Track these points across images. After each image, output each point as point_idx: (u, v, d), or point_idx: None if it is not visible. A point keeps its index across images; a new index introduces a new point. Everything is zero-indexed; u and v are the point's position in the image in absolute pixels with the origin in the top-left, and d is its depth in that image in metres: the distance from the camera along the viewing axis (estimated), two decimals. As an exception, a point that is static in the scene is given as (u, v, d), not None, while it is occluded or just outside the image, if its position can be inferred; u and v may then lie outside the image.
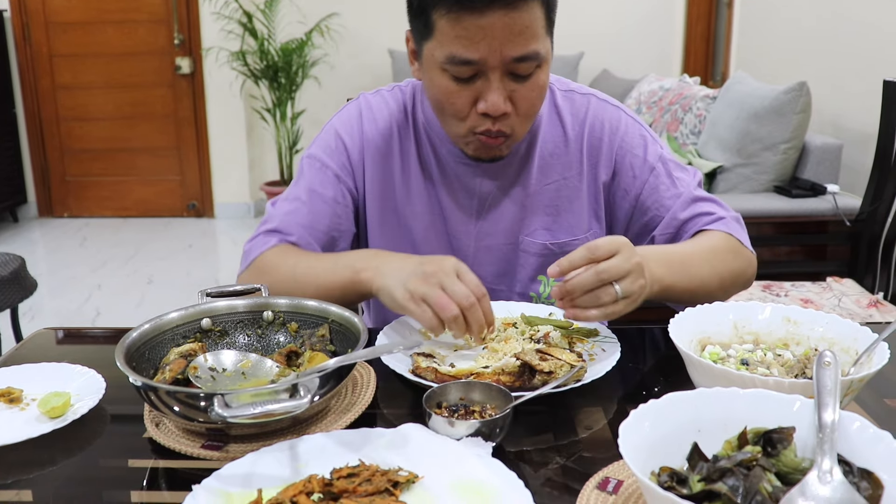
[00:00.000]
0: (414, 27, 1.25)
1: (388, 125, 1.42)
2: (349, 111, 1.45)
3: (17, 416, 1.01)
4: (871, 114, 3.07)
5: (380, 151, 1.41)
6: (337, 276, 1.25)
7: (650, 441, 0.75)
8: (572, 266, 1.07)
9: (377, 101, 1.44)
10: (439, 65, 1.20)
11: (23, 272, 2.79)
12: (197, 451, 0.92)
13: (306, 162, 1.43)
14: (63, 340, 1.34)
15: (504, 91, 1.20)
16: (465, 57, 1.16)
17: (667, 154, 1.42)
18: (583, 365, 1.05)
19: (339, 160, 1.41)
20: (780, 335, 1.10)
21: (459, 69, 1.18)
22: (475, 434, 0.89)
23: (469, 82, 1.20)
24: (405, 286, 1.12)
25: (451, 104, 1.23)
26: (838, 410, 0.75)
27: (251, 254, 1.37)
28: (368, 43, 5.94)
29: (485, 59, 1.16)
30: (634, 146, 1.40)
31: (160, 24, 5.80)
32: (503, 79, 1.19)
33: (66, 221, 6.06)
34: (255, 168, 6.15)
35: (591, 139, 1.41)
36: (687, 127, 3.86)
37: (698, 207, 1.38)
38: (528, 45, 1.17)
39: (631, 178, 1.40)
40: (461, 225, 1.42)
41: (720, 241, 1.33)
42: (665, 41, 5.97)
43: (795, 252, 3.20)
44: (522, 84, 1.21)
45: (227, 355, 1.05)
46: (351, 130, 1.42)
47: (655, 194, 1.39)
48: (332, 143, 1.42)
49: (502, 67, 1.18)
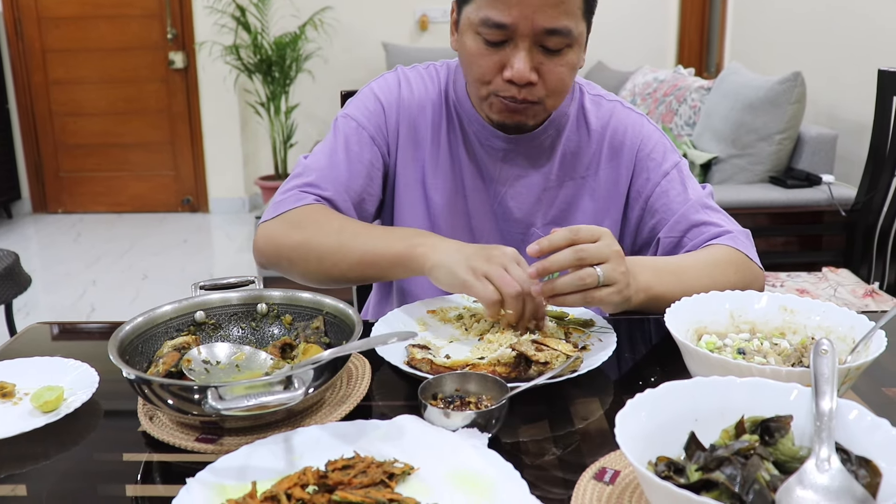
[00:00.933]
0: None
1: (424, 97, 1.45)
2: (387, 79, 1.47)
3: (9, 410, 1.00)
4: (866, 104, 3.07)
5: (414, 121, 1.44)
6: (390, 246, 1.25)
7: (647, 431, 0.75)
8: (552, 246, 1.07)
9: (414, 75, 1.47)
10: (473, 27, 1.24)
11: (17, 268, 2.78)
12: (191, 444, 0.92)
13: (342, 121, 1.44)
14: (57, 335, 1.33)
15: (531, 61, 1.23)
16: (498, 20, 1.20)
17: (684, 165, 1.44)
18: (579, 355, 1.05)
19: (375, 122, 1.43)
20: (777, 324, 1.10)
21: (491, 32, 1.22)
22: (471, 425, 0.88)
23: (499, 47, 1.24)
24: (468, 263, 1.13)
25: (478, 66, 1.26)
26: (836, 398, 0.75)
27: (283, 205, 1.36)
28: (362, 36, 5.93)
29: (516, 24, 1.20)
30: (653, 151, 1.43)
31: (153, 18, 5.77)
32: (532, 49, 1.23)
33: (60, 217, 6.05)
34: (250, 163, 6.13)
35: (612, 142, 1.44)
36: (682, 118, 3.86)
37: (707, 215, 1.38)
38: (560, 18, 1.20)
39: (644, 181, 1.42)
40: (480, 205, 1.44)
41: (723, 253, 1.33)
42: (659, 33, 5.96)
43: (791, 242, 3.20)
44: (551, 58, 1.24)
45: (220, 348, 1.05)
46: (389, 95, 1.44)
47: (665, 197, 1.40)
48: (370, 105, 1.44)
49: (532, 37, 1.21)
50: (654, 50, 5.92)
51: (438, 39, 5.90)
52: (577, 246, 1.06)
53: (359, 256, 1.26)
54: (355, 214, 1.40)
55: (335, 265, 1.28)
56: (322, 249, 1.28)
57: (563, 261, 1.07)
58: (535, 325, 1.15)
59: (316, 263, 1.29)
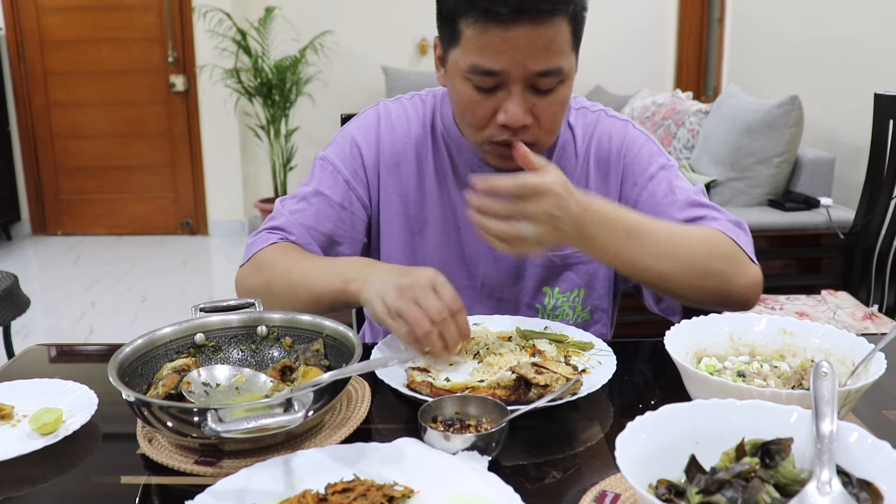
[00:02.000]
0: (442, 33, 1.26)
1: (406, 132, 1.43)
2: (368, 116, 1.46)
3: (8, 432, 1.00)
4: (863, 127, 3.08)
5: (396, 159, 1.42)
6: (328, 283, 1.25)
7: (647, 453, 0.75)
8: (495, 189, 1.07)
9: (396, 109, 1.45)
10: (462, 73, 1.21)
11: (16, 290, 2.77)
12: (190, 466, 0.91)
13: (319, 164, 1.44)
14: (55, 357, 1.33)
15: (525, 104, 1.21)
16: (488, 67, 1.18)
17: (671, 166, 1.40)
18: (579, 378, 1.05)
19: (351, 166, 1.41)
20: (776, 347, 1.10)
21: (482, 79, 1.20)
22: (471, 448, 0.88)
23: (491, 92, 1.21)
24: (383, 300, 1.11)
25: (471, 113, 1.24)
26: (836, 421, 0.75)
27: (252, 248, 1.37)
28: (362, 60, 5.97)
29: (507, 70, 1.17)
30: (638, 156, 1.41)
31: (154, 42, 5.81)
32: (524, 92, 1.20)
33: (59, 239, 6.04)
34: (250, 185, 6.15)
35: (598, 151, 1.42)
36: (680, 142, 3.88)
37: (696, 211, 1.34)
38: (551, 60, 1.18)
39: (631, 186, 1.40)
40: (474, 234, 1.41)
41: (705, 233, 1.28)
42: (657, 57, 6.00)
43: (790, 265, 3.21)
44: (544, 98, 1.22)
45: (220, 370, 1.04)
46: (368, 137, 1.43)
47: (652, 200, 1.38)
48: (346, 148, 1.43)
49: (524, 80, 1.19)
50: (652, 74, 5.96)
51: (438, 63, 5.92)
52: (513, 204, 1.07)
53: (306, 295, 1.26)
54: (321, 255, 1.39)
55: (290, 303, 1.28)
56: (278, 290, 1.29)
57: (494, 209, 1.07)
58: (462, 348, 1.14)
59: (279, 303, 1.28)
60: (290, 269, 1.30)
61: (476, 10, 1.15)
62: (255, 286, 1.33)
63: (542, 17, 1.14)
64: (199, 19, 5.54)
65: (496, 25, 1.14)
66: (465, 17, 1.17)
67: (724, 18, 5.28)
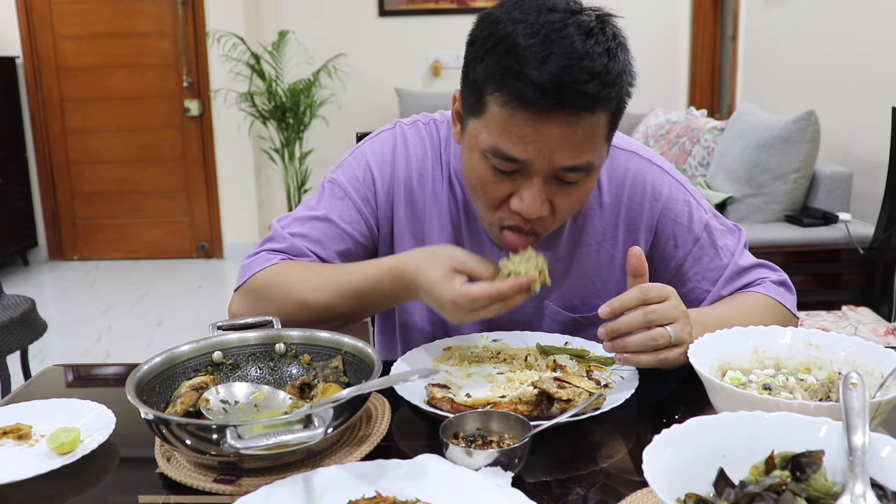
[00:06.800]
0: (465, 96, 1.14)
1: (422, 163, 1.34)
2: (384, 142, 1.36)
3: (25, 452, 0.99)
4: (881, 142, 3.06)
5: (409, 189, 1.34)
6: (365, 271, 1.21)
7: (675, 467, 0.73)
8: (623, 307, 1.06)
9: (413, 136, 1.35)
10: (482, 150, 1.10)
11: (33, 314, 2.78)
12: (209, 485, 0.90)
13: (328, 186, 1.35)
14: (73, 377, 1.32)
15: (544, 195, 1.10)
16: (511, 155, 1.07)
17: (711, 219, 1.34)
18: (602, 392, 1.03)
19: (363, 193, 1.33)
20: (802, 360, 1.08)
21: (502, 163, 1.09)
22: (494, 464, 0.87)
23: (509, 175, 1.10)
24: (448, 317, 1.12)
25: (485, 192, 1.14)
26: (868, 433, 0.73)
27: (249, 270, 1.29)
28: (375, 82, 5.99)
29: (532, 160, 1.07)
30: (679, 214, 1.32)
31: (169, 67, 5.86)
32: (546, 182, 1.10)
33: (76, 264, 6.07)
34: (264, 208, 6.17)
35: (630, 204, 1.32)
36: (695, 159, 3.86)
37: (744, 278, 1.33)
38: (581, 156, 1.08)
39: (672, 248, 1.33)
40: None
41: (755, 300, 1.30)
42: (671, 75, 6.00)
43: (809, 281, 3.18)
44: (566, 189, 1.12)
45: (239, 388, 1.04)
46: (383, 164, 1.34)
47: (698, 265, 1.33)
48: (359, 174, 1.34)
49: (548, 172, 1.09)
50: (666, 92, 5.95)
51: (451, 85, 5.95)
52: (648, 307, 1.06)
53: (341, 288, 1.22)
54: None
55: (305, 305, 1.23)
56: (301, 295, 1.22)
57: (633, 322, 1.06)
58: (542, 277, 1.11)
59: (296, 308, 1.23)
60: (319, 272, 1.24)
61: (507, 92, 1.04)
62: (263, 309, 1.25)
63: (582, 112, 1.04)
64: (213, 44, 5.59)
65: (528, 112, 1.03)
66: (495, 93, 1.05)
67: (738, 36, 5.27)
